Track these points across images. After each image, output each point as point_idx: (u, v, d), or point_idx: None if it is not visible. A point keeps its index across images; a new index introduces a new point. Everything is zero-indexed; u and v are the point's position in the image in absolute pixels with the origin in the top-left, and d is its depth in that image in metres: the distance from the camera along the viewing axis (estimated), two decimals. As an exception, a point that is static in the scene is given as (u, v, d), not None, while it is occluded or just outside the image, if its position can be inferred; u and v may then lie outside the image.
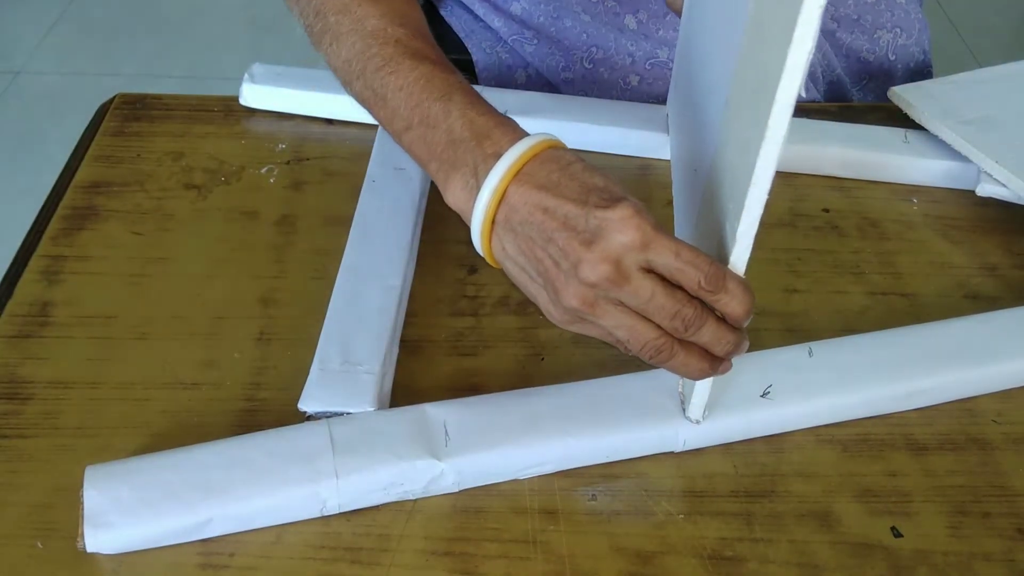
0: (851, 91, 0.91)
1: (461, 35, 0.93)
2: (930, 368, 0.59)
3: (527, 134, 0.52)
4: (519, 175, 0.50)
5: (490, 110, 0.54)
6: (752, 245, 0.48)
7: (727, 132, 0.51)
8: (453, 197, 0.53)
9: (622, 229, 0.47)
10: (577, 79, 0.87)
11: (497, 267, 0.54)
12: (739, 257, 0.48)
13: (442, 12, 0.95)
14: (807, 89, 0.86)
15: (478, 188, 0.51)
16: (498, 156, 0.51)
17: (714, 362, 0.51)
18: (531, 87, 0.90)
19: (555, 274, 0.49)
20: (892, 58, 0.89)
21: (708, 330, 0.49)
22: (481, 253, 0.53)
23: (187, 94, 0.83)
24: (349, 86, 0.62)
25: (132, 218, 0.71)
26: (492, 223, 0.51)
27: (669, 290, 0.48)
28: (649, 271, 0.48)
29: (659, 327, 0.49)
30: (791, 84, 0.41)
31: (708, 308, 0.49)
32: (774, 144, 0.43)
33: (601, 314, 0.49)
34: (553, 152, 0.51)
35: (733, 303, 0.48)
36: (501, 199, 0.51)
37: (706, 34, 0.61)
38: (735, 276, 0.48)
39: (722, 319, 0.49)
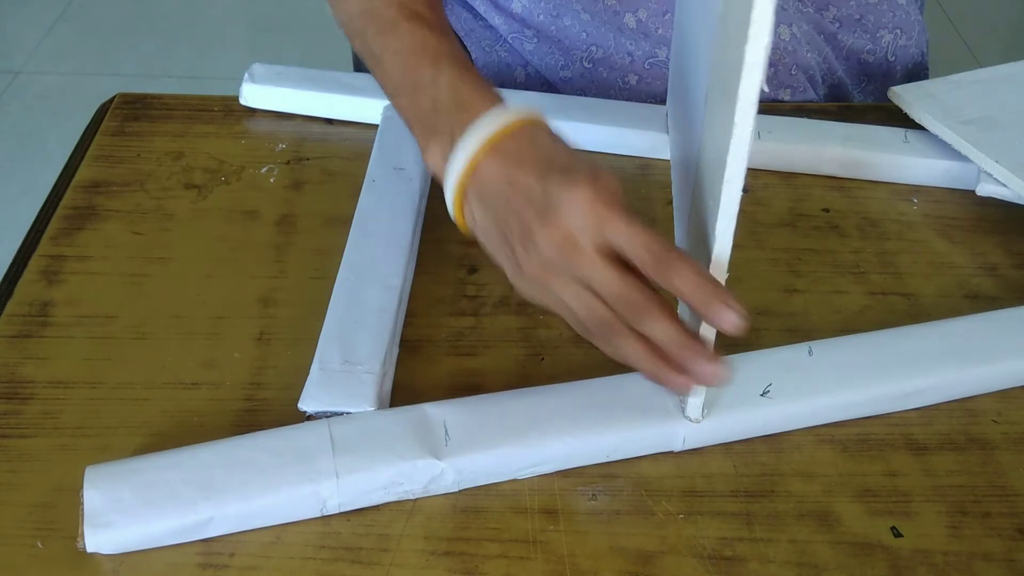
0: (852, 93, 0.91)
1: (460, 34, 0.94)
2: (930, 368, 0.59)
3: (507, 108, 0.53)
4: (492, 148, 0.51)
5: (477, 80, 0.55)
6: (731, 242, 0.48)
7: (706, 130, 0.52)
8: (432, 161, 0.55)
9: (574, 205, 0.48)
10: (576, 78, 0.87)
11: (468, 234, 0.55)
12: (720, 254, 0.48)
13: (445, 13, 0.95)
14: (806, 90, 0.86)
15: (453, 157, 0.52)
16: (474, 127, 0.52)
17: (669, 366, 0.50)
18: (530, 85, 0.90)
19: (515, 246, 0.50)
20: (892, 59, 0.90)
21: (659, 325, 0.49)
22: (453, 220, 0.54)
23: (187, 94, 0.83)
24: (351, 41, 0.64)
25: (132, 218, 0.71)
26: (464, 193, 0.52)
27: (620, 272, 0.48)
28: (608, 253, 0.48)
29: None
30: (752, 81, 0.41)
31: (664, 305, 0.49)
32: (742, 141, 0.44)
33: (559, 288, 0.50)
34: (529, 126, 0.52)
35: (679, 282, 0.47)
36: (473, 170, 0.52)
37: (692, 32, 0.62)
38: (686, 257, 0.48)
39: (681, 325, 0.49)
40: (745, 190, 0.46)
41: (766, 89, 0.42)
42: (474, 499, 0.54)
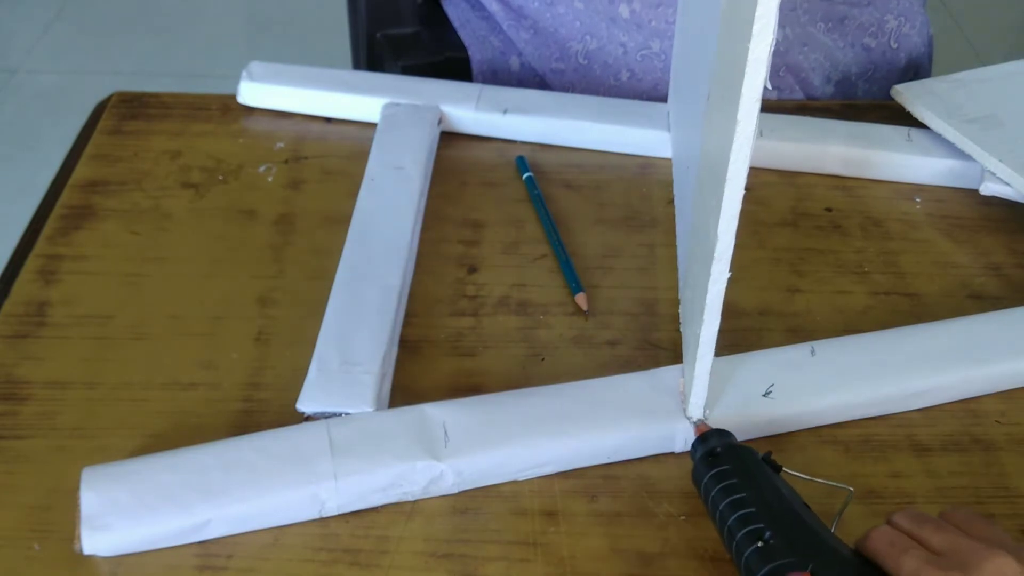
0: (857, 83, 0.91)
1: (456, 25, 0.94)
2: (933, 368, 0.59)
3: None
4: None
5: None
6: (733, 241, 0.48)
7: (708, 128, 0.51)
8: None
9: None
10: (569, 71, 0.88)
11: None
12: (723, 253, 0.48)
13: (443, 3, 0.96)
14: (793, 91, 0.86)
15: None
16: None
17: None
18: (524, 74, 0.91)
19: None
20: (895, 46, 0.90)
21: None
22: None
23: (185, 92, 0.83)
24: None
25: (129, 217, 0.70)
26: None
27: None
28: None
29: None
30: (755, 78, 0.41)
31: None
32: (744, 139, 0.43)
33: None
34: None
35: None
36: None
37: (695, 30, 0.61)
38: None
39: None
40: (746, 189, 0.46)
41: (769, 87, 0.42)
42: (474, 500, 0.54)
